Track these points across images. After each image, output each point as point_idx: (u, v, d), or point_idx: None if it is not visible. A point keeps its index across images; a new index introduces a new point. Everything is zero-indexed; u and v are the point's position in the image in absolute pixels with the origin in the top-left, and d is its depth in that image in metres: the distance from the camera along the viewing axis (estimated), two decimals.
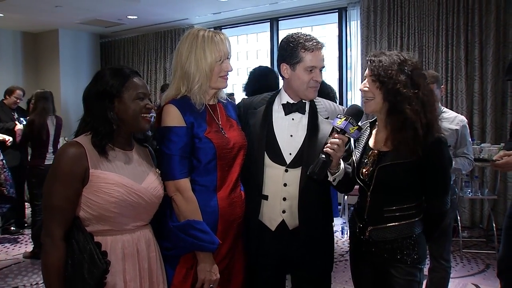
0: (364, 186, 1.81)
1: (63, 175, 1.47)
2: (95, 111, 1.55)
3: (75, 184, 1.47)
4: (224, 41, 1.81)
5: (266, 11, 6.88)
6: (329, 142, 1.70)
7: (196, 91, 1.77)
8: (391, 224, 1.73)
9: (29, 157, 5.05)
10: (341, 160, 1.77)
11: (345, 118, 1.69)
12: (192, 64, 1.77)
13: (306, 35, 1.88)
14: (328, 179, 1.79)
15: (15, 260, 4.34)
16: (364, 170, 1.79)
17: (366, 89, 1.74)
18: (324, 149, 1.69)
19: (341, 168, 1.77)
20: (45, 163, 4.42)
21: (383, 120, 1.76)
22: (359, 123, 1.75)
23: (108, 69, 1.62)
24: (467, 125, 3.02)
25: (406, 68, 1.68)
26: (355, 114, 1.73)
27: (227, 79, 1.86)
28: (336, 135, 1.70)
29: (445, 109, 3.05)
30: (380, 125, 1.80)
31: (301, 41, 1.86)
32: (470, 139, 3.02)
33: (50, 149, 4.52)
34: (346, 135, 1.70)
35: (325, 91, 3.75)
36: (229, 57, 1.84)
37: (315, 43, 1.86)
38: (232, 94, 6.44)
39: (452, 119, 2.95)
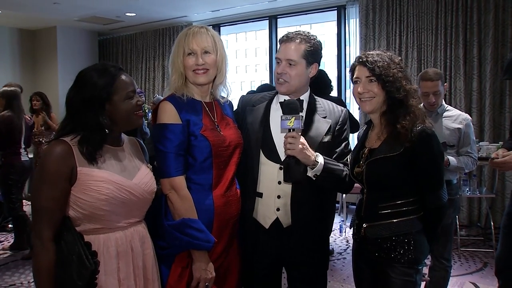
0: (360, 184, 1.83)
1: (49, 175, 1.43)
2: (85, 119, 1.49)
3: (62, 184, 1.44)
4: (197, 34, 1.77)
5: (265, 8, 6.86)
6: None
7: (175, 86, 1.80)
8: (385, 221, 1.73)
9: None
10: (319, 156, 1.78)
11: (281, 118, 1.75)
12: (171, 59, 1.82)
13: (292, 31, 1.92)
14: (308, 174, 1.78)
15: (13, 258, 4.33)
16: (357, 168, 1.81)
17: (366, 91, 1.75)
18: (285, 153, 1.74)
19: (319, 163, 1.77)
20: (22, 159, 4.51)
21: (378, 118, 1.80)
22: (301, 112, 1.80)
23: (93, 70, 1.54)
24: (471, 124, 2.99)
25: (398, 65, 1.75)
26: (288, 108, 1.76)
27: (200, 74, 1.78)
28: (284, 135, 1.75)
29: (449, 107, 3.02)
30: (375, 124, 1.84)
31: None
32: (474, 138, 2.99)
33: (22, 145, 4.54)
34: (291, 130, 1.72)
35: (327, 82, 3.91)
36: (205, 51, 1.77)
37: (285, 37, 1.90)
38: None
39: (455, 118, 2.91)
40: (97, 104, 1.50)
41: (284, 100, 1.82)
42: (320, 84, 3.24)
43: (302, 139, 1.74)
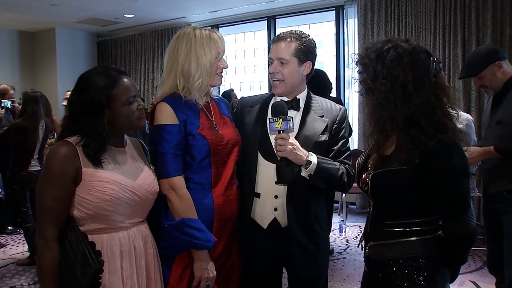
0: (366, 195, 1.61)
1: (54, 175, 1.45)
2: (85, 124, 1.50)
3: (66, 184, 1.46)
4: (221, 38, 1.84)
5: (263, 9, 6.87)
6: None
7: (196, 89, 1.78)
8: (391, 240, 1.46)
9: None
10: (312, 155, 1.77)
11: (268, 120, 1.76)
12: (193, 62, 1.78)
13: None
14: (301, 174, 1.78)
15: (13, 260, 4.32)
16: (364, 176, 1.58)
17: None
18: (277, 155, 1.75)
19: (312, 162, 1.76)
20: (29, 170, 4.19)
21: None
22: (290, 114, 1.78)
23: (93, 73, 1.54)
24: (473, 124, 2.98)
25: (388, 56, 1.42)
26: (275, 110, 1.77)
27: (222, 76, 1.88)
28: (274, 137, 1.76)
29: None
30: None
31: None
32: (475, 138, 2.98)
33: (36, 155, 4.26)
34: (280, 131, 1.73)
35: (326, 83, 3.96)
36: (224, 55, 1.86)
37: (276, 37, 1.92)
38: (232, 90, 6.43)
39: (455, 118, 2.92)
40: (96, 110, 1.50)
41: (275, 101, 1.83)
42: (319, 85, 3.26)
43: (292, 140, 1.73)
